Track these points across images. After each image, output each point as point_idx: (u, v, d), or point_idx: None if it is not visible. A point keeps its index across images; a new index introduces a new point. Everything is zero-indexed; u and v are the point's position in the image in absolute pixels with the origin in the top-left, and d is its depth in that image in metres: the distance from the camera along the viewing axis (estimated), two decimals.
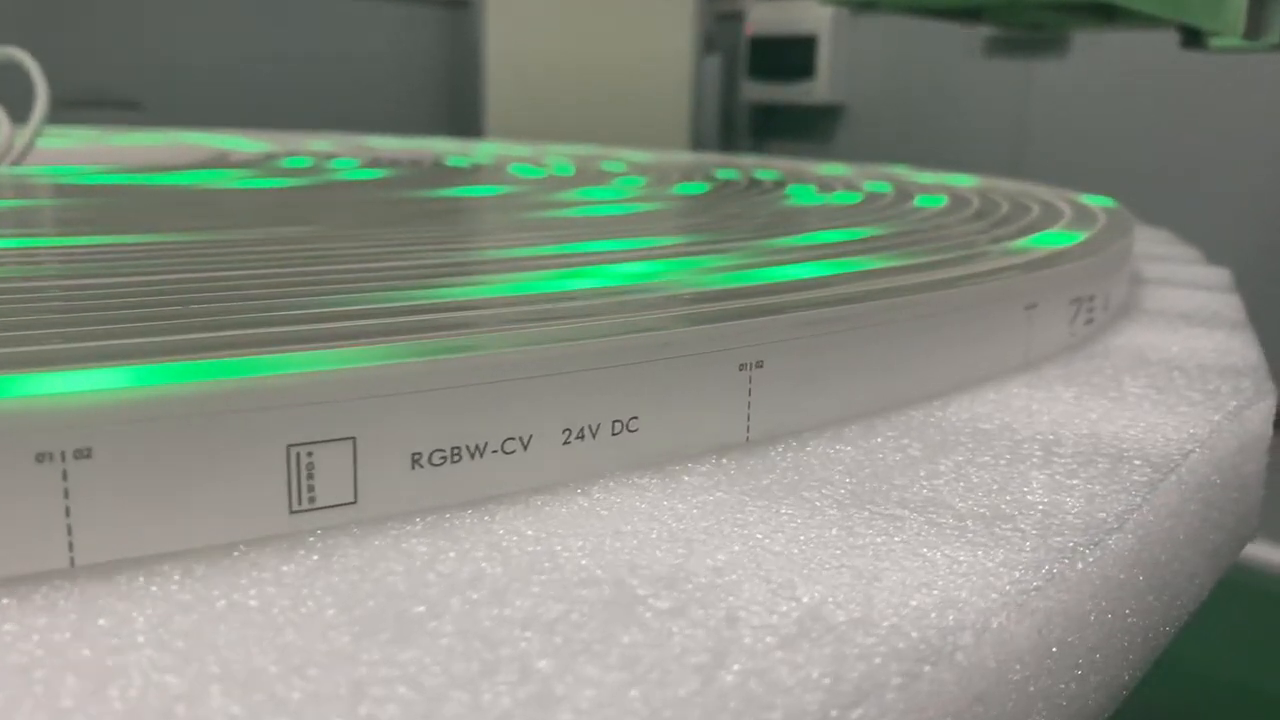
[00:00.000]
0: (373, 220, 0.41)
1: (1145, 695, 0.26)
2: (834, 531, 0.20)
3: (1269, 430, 0.31)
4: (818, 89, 1.97)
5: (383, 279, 0.27)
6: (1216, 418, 0.28)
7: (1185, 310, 0.44)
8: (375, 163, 0.74)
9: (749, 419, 0.26)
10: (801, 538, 0.20)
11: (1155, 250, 0.62)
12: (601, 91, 2.07)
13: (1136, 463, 0.24)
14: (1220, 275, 0.54)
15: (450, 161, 0.78)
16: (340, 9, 2.04)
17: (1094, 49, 1.62)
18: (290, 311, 0.23)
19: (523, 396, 0.21)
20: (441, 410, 0.20)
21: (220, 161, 0.74)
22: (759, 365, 0.25)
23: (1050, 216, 0.46)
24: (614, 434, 0.23)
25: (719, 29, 2.20)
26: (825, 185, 0.60)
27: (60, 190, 0.50)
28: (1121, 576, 0.21)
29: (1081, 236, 0.40)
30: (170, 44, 1.88)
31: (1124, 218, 0.49)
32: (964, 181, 0.65)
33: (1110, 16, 0.73)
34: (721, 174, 0.67)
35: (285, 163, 0.72)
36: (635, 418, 0.23)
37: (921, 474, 0.23)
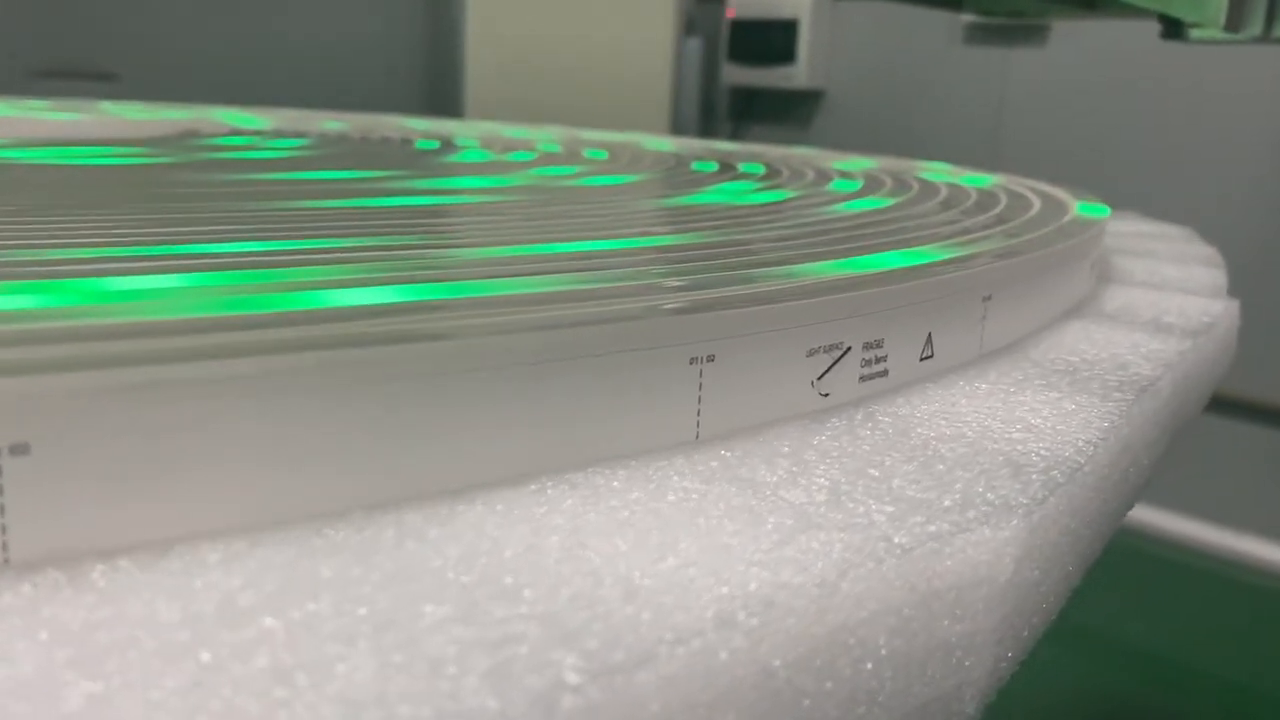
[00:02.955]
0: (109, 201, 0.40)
1: (1141, 696, 0.25)
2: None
3: None
4: (798, 74, 1.95)
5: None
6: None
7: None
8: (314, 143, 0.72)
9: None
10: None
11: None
12: (581, 73, 2.05)
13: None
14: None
15: (419, 144, 0.76)
16: None
17: (1074, 37, 1.61)
18: None
19: None
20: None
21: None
22: None
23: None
24: None
25: (700, 11, 2.18)
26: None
27: None
28: None
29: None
30: (151, 18, 1.85)
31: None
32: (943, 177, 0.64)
33: (1091, 4, 0.72)
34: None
35: (204, 141, 0.70)
36: None
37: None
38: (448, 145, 0.74)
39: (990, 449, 0.25)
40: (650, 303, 0.24)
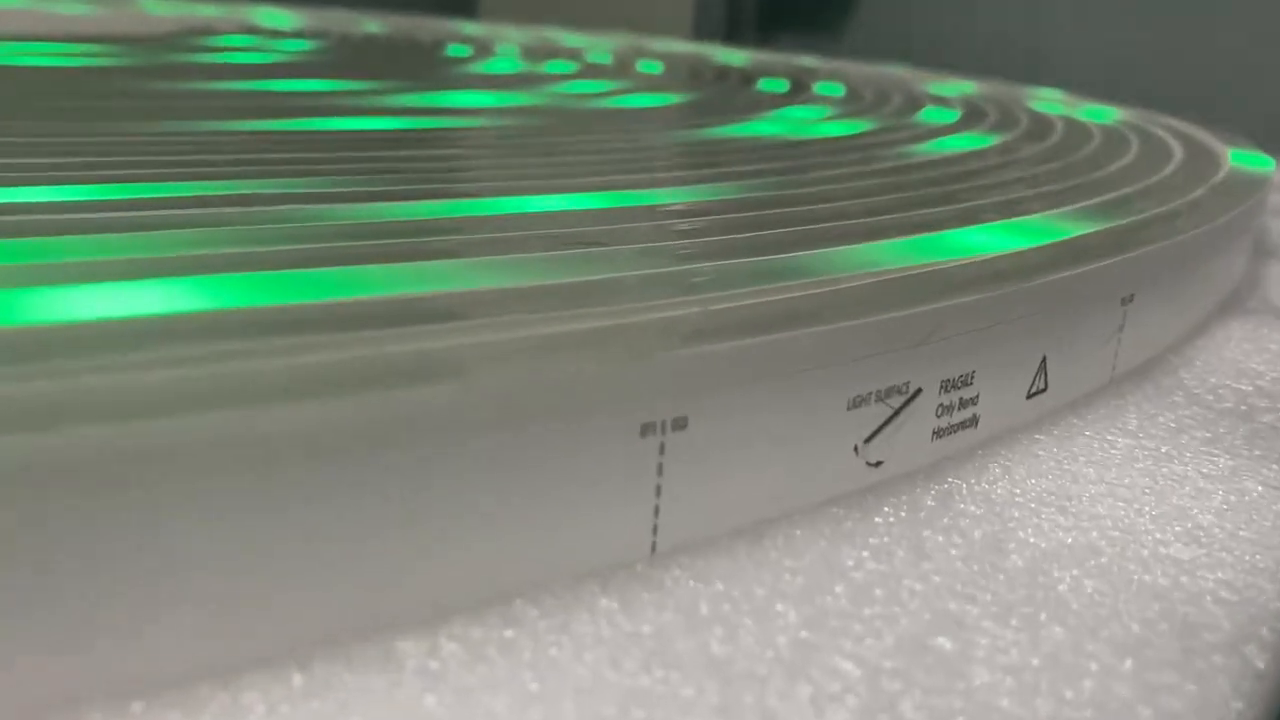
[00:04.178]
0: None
1: None
2: None
3: None
4: None
5: None
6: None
7: None
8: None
9: None
10: None
11: None
12: None
13: None
14: None
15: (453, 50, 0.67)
16: None
17: None
18: None
19: None
20: None
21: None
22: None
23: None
24: None
25: None
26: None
27: None
28: None
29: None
30: None
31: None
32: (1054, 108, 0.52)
33: None
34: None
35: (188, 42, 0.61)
36: None
37: None
38: (482, 52, 0.64)
39: (1140, 586, 0.16)
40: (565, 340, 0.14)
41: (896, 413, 0.18)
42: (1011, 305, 0.19)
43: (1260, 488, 0.19)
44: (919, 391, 0.18)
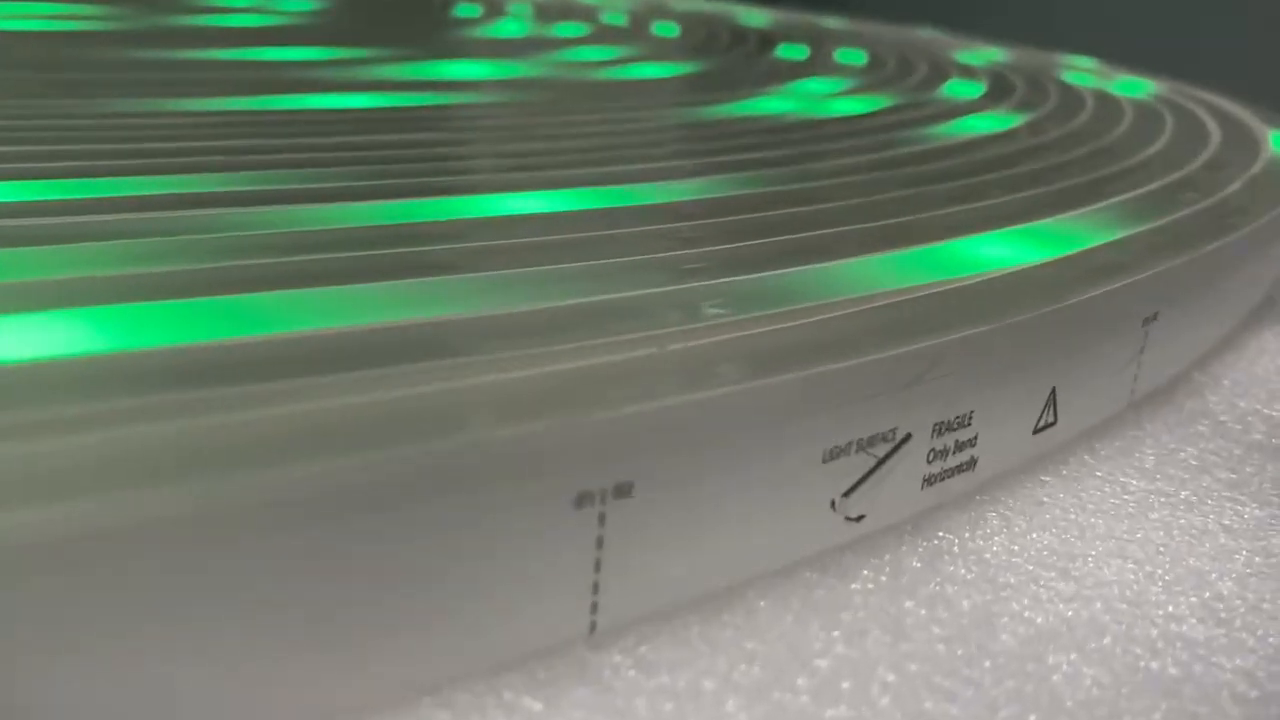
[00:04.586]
0: None
1: None
2: None
3: None
4: None
5: None
6: None
7: None
8: None
9: None
10: None
11: None
12: None
13: None
14: None
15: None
16: None
17: None
18: None
19: None
20: None
21: None
22: None
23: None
24: None
25: None
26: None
27: None
28: None
29: None
30: None
31: None
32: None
33: None
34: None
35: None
36: None
37: None
38: (493, 11, 0.61)
39: (1147, 677, 0.14)
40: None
41: (881, 462, 0.16)
42: (1019, 335, 0.17)
43: None
44: (908, 437, 0.16)
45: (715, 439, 0.14)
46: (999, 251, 0.20)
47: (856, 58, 0.50)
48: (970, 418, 0.17)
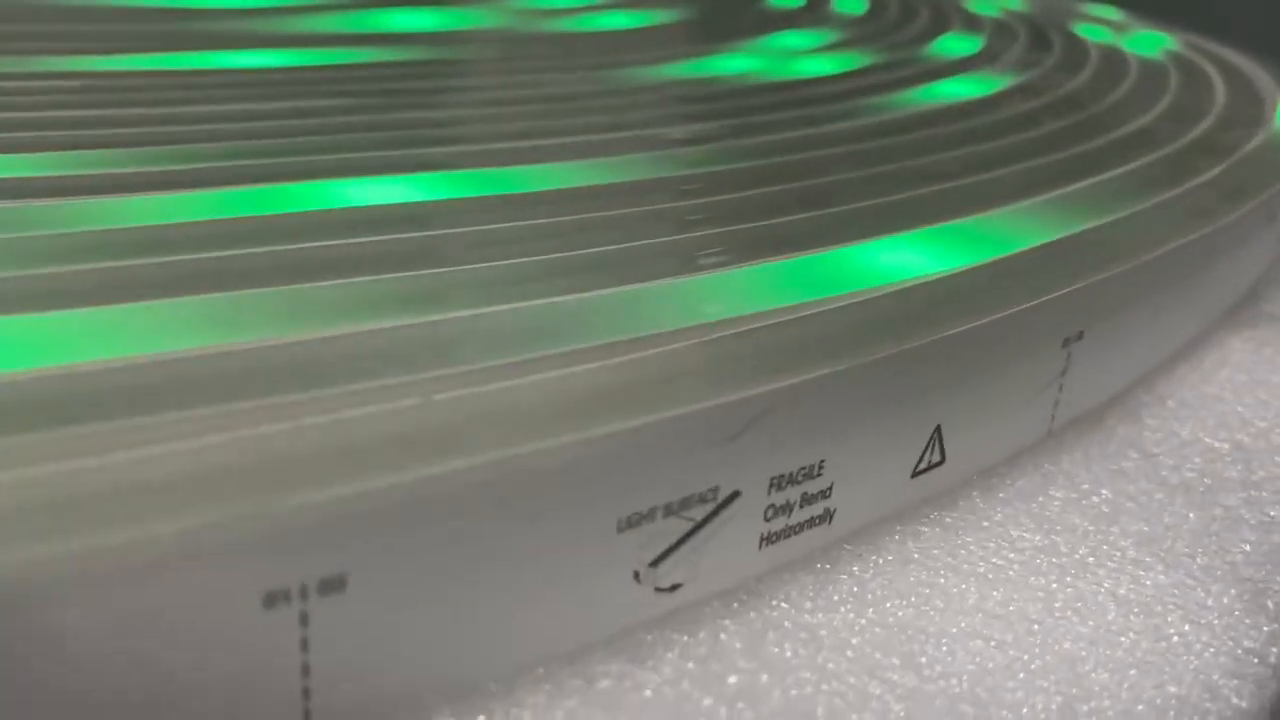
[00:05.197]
0: None
1: None
2: None
3: None
4: None
5: None
6: None
7: None
8: None
9: None
10: None
11: None
12: None
13: None
14: None
15: None
16: None
17: None
18: None
19: None
20: None
21: None
22: None
23: None
24: None
25: None
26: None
27: None
28: None
29: None
30: None
31: None
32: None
33: None
34: None
35: None
36: None
37: None
38: None
39: None
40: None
41: (699, 526, 0.14)
42: (883, 376, 0.15)
43: (1187, 627, 0.15)
44: (735, 495, 0.14)
45: (456, 516, 0.11)
46: (894, 259, 0.17)
47: (856, 5, 0.46)
48: (821, 467, 0.15)
